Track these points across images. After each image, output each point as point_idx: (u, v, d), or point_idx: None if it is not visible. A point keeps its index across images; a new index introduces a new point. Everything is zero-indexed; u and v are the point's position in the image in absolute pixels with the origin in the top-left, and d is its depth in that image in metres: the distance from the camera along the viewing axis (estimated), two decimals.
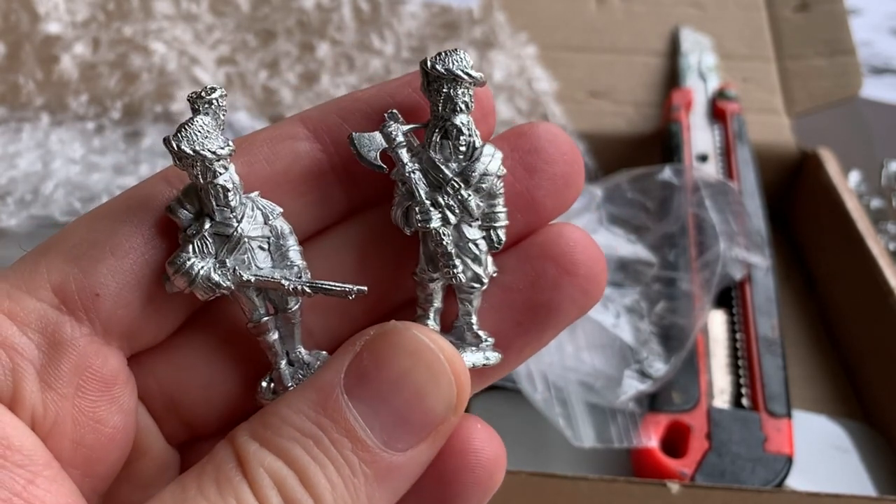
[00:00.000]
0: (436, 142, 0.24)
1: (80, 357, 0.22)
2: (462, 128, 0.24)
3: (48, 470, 0.21)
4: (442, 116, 0.24)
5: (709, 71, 0.68)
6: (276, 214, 0.24)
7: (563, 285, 0.24)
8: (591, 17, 0.73)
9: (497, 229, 0.24)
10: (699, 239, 0.54)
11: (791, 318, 0.59)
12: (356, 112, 0.24)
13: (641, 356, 0.49)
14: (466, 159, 0.24)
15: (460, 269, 0.24)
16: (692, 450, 0.45)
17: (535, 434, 0.49)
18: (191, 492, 0.20)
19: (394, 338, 0.21)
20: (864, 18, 0.93)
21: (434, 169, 0.23)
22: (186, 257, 0.23)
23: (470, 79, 0.23)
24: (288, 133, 0.24)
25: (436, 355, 0.21)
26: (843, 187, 0.61)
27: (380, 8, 0.72)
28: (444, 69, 0.23)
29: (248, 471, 0.20)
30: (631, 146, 0.66)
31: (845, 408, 0.54)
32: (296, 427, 0.20)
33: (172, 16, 0.70)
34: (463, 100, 0.23)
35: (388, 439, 0.20)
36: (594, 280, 0.24)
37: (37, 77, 0.66)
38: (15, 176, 0.59)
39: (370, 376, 0.20)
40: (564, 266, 0.24)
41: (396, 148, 0.23)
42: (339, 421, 0.20)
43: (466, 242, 0.24)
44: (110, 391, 0.23)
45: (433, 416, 0.21)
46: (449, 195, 0.23)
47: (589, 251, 0.24)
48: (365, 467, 0.20)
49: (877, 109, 0.81)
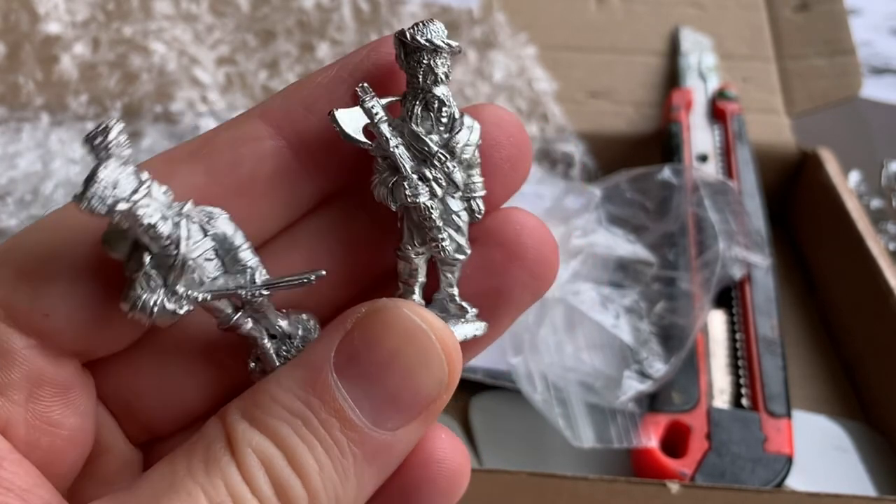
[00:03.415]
0: (417, 114, 0.23)
1: (31, 366, 0.22)
2: (444, 99, 0.23)
3: (12, 454, 0.21)
4: (423, 88, 0.23)
5: (709, 71, 0.68)
6: (214, 222, 0.22)
7: (512, 270, 0.24)
8: (591, 17, 0.73)
9: (476, 199, 0.24)
10: (699, 238, 0.54)
11: (791, 318, 0.59)
12: (320, 99, 0.24)
13: (641, 356, 0.49)
14: (448, 131, 0.23)
15: (448, 241, 0.23)
16: (692, 450, 0.45)
17: (534, 434, 0.49)
18: (180, 472, 0.19)
19: (384, 316, 0.21)
20: (864, 18, 0.93)
21: (418, 142, 0.23)
22: (136, 296, 0.22)
23: (449, 48, 0.23)
24: (250, 134, 0.23)
25: (426, 335, 0.21)
26: (843, 187, 0.61)
27: (380, 8, 0.72)
28: (424, 40, 0.23)
29: (236, 451, 0.20)
30: (631, 146, 0.66)
31: (845, 408, 0.54)
32: (285, 406, 0.20)
33: (172, 16, 0.70)
34: (443, 70, 0.23)
35: (378, 419, 0.20)
36: (544, 263, 0.24)
37: (37, 77, 0.66)
38: (15, 176, 0.59)
39: (360, 356, 0.20)
40: (512, 250, 0.24)
41: (378, 123, 0.23)
42: (329, 401, 0.20)
43: (450, 214, 0.24)
44: (65, 396, 0.23)
45: (424, 395, 0.21)
46: (436, 168, 0.23)
47: (537, 234, 0.24)
48: (354, 447, 0.20)
49: (877, 109, 0.81)
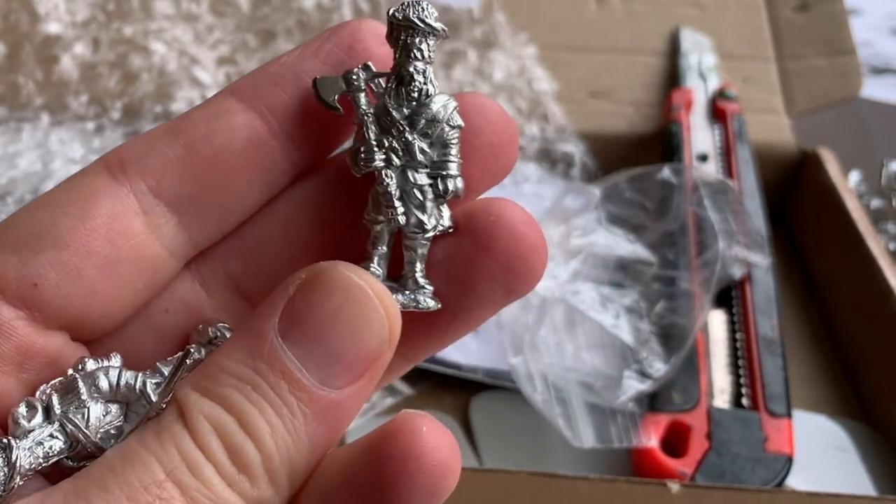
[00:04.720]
0: (391, 88, 0.24)
1: (21, 337, 0.22)
2: (414, 74, 0.24)
3: None
4: (398, 63, 0.24)
5: (709, 71, 0.68)
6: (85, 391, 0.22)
7: (479, 261, 0.24)
8: (591, 17, 0.73)
9: (446, 178, 0.24)
10: (699, 238, 0.54)
11: (791, 318, 0.59)
12: (286, 75, 0.24)
13: (641, 356, 0.49)
14: (417, 106, 0.24)
15: (401, 212, 0.23)
16: (692, 450, 0.45)
17: (534, 434, 0.49)
18: (132, 444, 0.20)
19: (323, 277, 0.21)
20: (864, 18, 0.93)
21: (385, 113, 0.24)
22: None
23: (425, 26, 0.24)
24: (222, 109, 0.24)
25: (364, 291, 0.21)
26: (843, 187, 0.61)
27: (380, 8, 0.72)
28: (402, 17, 0.23)
29: (188, 419, 0.20)
30: (631, 146, 0.66)
31: (845, 408, 0.54)
32: (234, 374, 0.20)
33: (172, 16, 0.70)
34: (419, 47, 0.24)
35: (325, 378, 0.21)
36: (518, 259, 0.23)
37: (37, 77, 0.66)
38: (15, 176, 0.59)
39: (303, 318, 0.21)
40: (481, 240, 0.23)
41: (354, 92, 0.24)
42: (275, 364, 0.20)
43: (411, 188, 0.24)
44: (56, 367, 0.23)
45: (367, 350, 0.21)
46: (394, 137, 0.24)
47: (515, 227, 0.23)
48: (304, 406, 0.20)
49: (877, 109, 0.81)
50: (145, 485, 0.19)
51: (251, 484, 0.20)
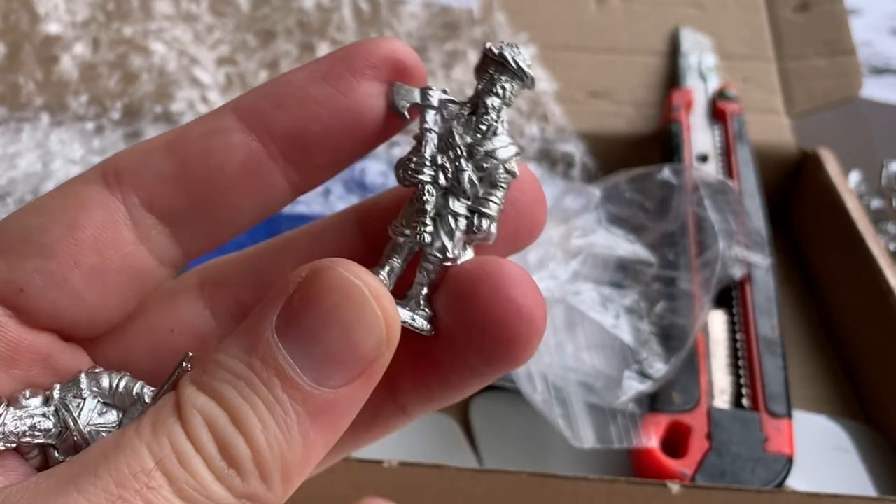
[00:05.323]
0: (462, 114, 0.24)
1: (9, 334, 0.23)
2: (490, 108, 0.24)
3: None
4: (478, 94, 0.24)
5: (709, 71, 0.68)
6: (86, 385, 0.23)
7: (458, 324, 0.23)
8: (591, 17, 0.73)
9: (482, 215, 0.24)
10: (699, 238, 0.54)
11: (791, 318, 0.59)
12: (290, 98, 0.24)
13: (641, 356, 0.49)
14: (482, 137, 0.24)
15: (429, 230, 0.23)
16: (692, 450, 0.45)
17: (534, 434, 0.49)
18: (128, 433, 0.20)
19: (321, 276, 0.21)
20: (864, 18, 0.93)
21: (448, 135, 0.24)
22: None
23: (517, 69, 0.24)
24: (222, 126, 0.24)
25: (360, 291, 0.21)
26: (843, 187, 0.61)
27: (380, 8, 0.72)
28: (497, 53, 0.24)
29: (182, 412, 0.20)
30: (631, 146, 0.66)
31: (845, 408, 0.54)
32: (229, 370, 0.21)
33: (172, 16, 0.70)
34: (503, 86, 0.24)
35: (320, 377, 0.21)
36: (504, 327, 0.22)
37: (37, 77, 0.66)
38: (15, 176, 0.59)
39: (299, 316, 0.21)
40: (462, 299, 0.23)
41: (426, 107, 0.24)
42: (269, 362, 0.20)
43: (448, 212, 0.24)
44: (45, 363, 0.23)
45: (363, 351, 0.21)
46: (449, 159, 0.24)
47: (504, 290, 0.22)
48: (297, 406, 0.20)
49: (877, 109, 0.81)
50: (134, 472, 0.19)
51: (241, 479, 0.20)
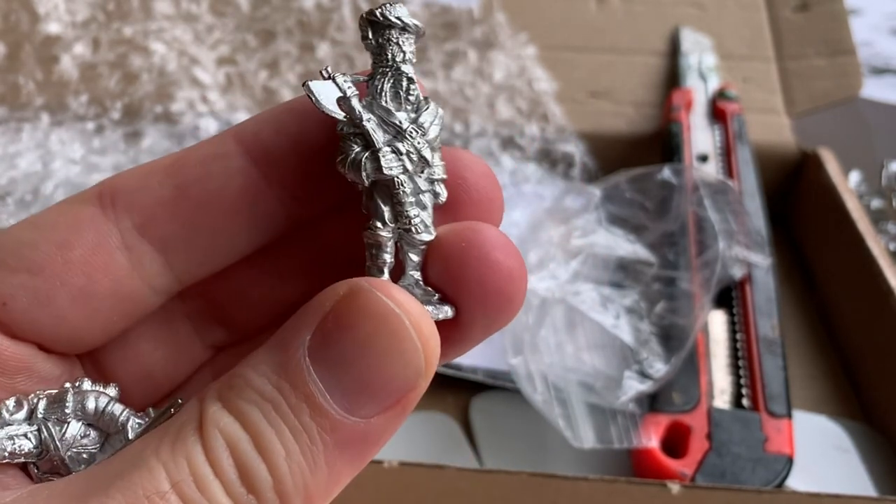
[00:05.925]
0: (385, 91, 0.23)
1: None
2: (413, 77, 0.23)
3: None
4: (392, 66, 0.23)
5: (709, 71, 0.68)
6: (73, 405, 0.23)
7: (451, 294, 0.23)
8: (591, 17, 0.73)
9: (438, 182, 0.23)
10: (699, 238, 0.54)
11: (791, 318, 0.59)
12: (291, 124, 0.24)
13: (641, 356, 0.49)
14: (414, 111, 0.23)
15: (419, 220, 0.23)
16: (692, 450, 0.45)
17: (534, 434, 0.49)
18: (148, 449, 0.19)
19: (359, 300, 0.20)
20: (864, 18, 0.93)
21: (388, 117, 0.23)
22: None
23: (415, 28, 0.23)
24: (221, 151, 0.24)
25: (400, 320, 0.20)
26: (843, 187, 0.61)
27: None
28: (395, 17, 0.23)
29: (204, 431, 0.19)
30: (631, 146, 0.66)
31: (845, 408, 0.54)
32: (256, 390, 0.20)
33: (172, 16, 0.70)
34: (410, 50, 0.23)
35: (350, 406, 0.20)
36: (493, 290, 0.22)
37: (37, 77, 0.66)
38: (15, 176, 0.59)
39: (333, 340, 0.20)
40: (451, 272, 0.23)
41: (350, 97, 0.23)
42: (299, 386, 0.19)
43: (418, 193, 0.23)
44: (30, 370, 0.23)
45: (397, 383, 0.20)
46: (407, 143, 0.23)
47: (487, 254, 0.22)
48: (325, 434, 0.19)
49: (877, 109, 0.81)
50: (148, 494, 0.18)
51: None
